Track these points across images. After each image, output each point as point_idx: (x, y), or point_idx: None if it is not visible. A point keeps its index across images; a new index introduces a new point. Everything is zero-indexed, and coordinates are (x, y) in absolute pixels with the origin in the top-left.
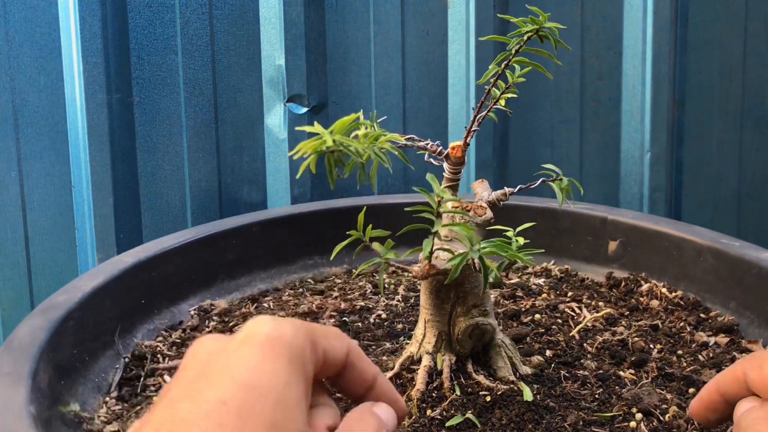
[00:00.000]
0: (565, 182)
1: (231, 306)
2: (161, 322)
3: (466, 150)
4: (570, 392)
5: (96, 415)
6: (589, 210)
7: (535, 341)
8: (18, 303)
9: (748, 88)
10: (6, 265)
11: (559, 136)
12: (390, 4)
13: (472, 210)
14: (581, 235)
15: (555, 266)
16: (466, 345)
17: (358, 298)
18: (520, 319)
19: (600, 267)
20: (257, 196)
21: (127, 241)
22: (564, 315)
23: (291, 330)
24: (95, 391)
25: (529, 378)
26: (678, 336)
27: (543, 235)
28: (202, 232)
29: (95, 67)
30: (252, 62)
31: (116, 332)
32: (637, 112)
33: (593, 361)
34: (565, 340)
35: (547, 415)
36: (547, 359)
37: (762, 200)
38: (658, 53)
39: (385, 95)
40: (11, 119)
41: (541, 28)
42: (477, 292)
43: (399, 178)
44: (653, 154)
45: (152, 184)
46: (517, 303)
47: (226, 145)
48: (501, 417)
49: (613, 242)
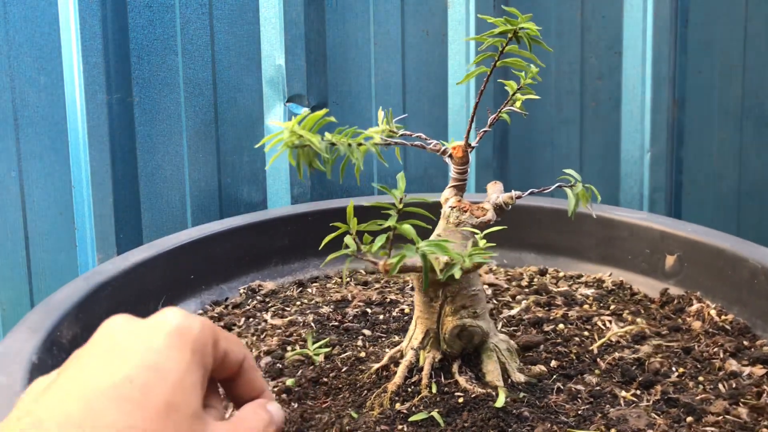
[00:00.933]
0: (579, 188)
1: (278, 288)
2: (208, 297)
3: (469, 150)
4: (554, 405)
5: None
6: (647, 221)
7: (546, 351)
8: (18, 303)
9: (748, 88)
10: (6, 266)
11: (559, 136)
12: (390, 4)
13: (469, 211)
14: (639, 247)
15: (610, 278)
16: (454, 345)
17: (394, 292)
18: (541, 327)
19: (656, 282)
20: (257, 196)
21: (127, 241)
22: (594, 328)
23: (198, 325)
24: None
25: (520, 386)
26: (707, 362)
27: (601, 244)
28: (257, 217)
29: (95, 67)
30: (252, 62)
31: (160, 301)
32: (637, 112)
33: (597, 377)
34: (578, 352)
35: (515, 423)
36: (550, 370)
37: (762, 200)
38: (658, 53)
39: (385, 95)
40: (11, 119)
41: (519, 29)
42: (466, 293)
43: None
44: (653, 154)
45: (152, 184)
46: (549, 311)
47: (226, 145)
48: (467, 419)
49: (671, 257)
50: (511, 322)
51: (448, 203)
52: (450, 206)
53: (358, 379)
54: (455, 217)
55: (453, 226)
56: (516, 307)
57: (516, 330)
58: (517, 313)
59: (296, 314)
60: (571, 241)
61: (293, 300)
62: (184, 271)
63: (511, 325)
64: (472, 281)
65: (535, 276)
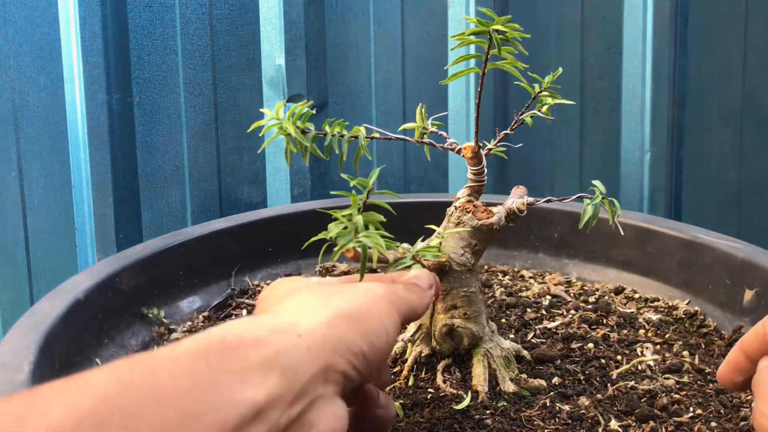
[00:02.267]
0: (598, 200)
1: (349, 270)
2: (283, 270)
3: (485, 152)
4: (527, 419)
5: (180, 325)
6: (730, 247)
7: (557, 367)
8: (18, 303)
9: (748, 88)
10: (6, 266)
11: (559, 136)
12: (390, 4)
13: (472, 212)
14: (720, 276)
15: (687, 306)
16: (444, 344)
17: None
18: (569, 343)
19: (733, 317)
20: (257, 196)
21: (127, 241)
22: (631, 353)
23: (391, 293)
24: (193, 310)
25: (507, 396)
26: (734, 409)
27: (683, 268)
28: (343, 201)
29: (95, 67)
30: (252, 62)
31: (235, 268)
32: (637, 112)
33: (592, 401)
34: (591, 374)
35: (470, 428)
36: (549, 386)
37: (762, 200)
38: (658, 53)
39: (385, 95)
40: (11, 119)
41: (491, 31)
42: (457, 293)
43: (399, 178)
44: (653, 154)
45: (152, 184)
46: (588, 329)
47: (226, 145)
48: (425, 416)
49: (750, 291)
50: (544, 334)
51: (456, 203)
52: (455, 206)
53: None
54: (456, 217)
55: (452, 225)
56: (559, 320)
57: (543, 342)
58: (556, 327)
59: None
60: (654, 262)
61: None
62: (264, 244)
63: (543, 336)
64: (466, 282)
65: (608, 294)
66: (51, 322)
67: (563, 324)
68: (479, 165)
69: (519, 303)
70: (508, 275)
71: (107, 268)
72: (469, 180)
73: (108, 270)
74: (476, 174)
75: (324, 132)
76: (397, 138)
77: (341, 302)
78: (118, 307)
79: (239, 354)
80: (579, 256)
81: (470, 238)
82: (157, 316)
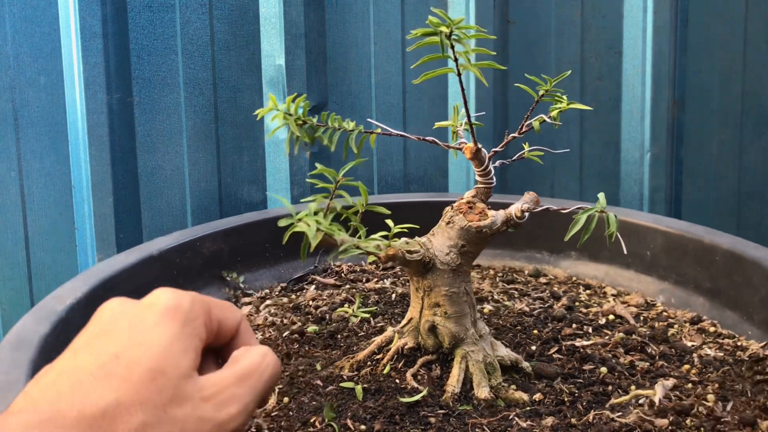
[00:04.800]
0: (592, 210)
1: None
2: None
3: (477, 152)
4: (475, 425)
5: (258, 292)
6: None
7: (549, 385)
8: (18, 303)
9: (748, 88)
10: (6, 266)
11: (559, 136)
12: (390, 4)
13: (464, 213)
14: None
15: (762, 349)
16: (428, 340)
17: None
18: (583, 363)
19: None
20: (257, 196)
21: (127, 241)
22: (646, 385)
23: (188, 300)
24: (275, 279)
25: (477, 402)
26: None
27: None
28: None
29: (95, 67)
30: (252, 62)
31: (321, 249)
32: (637, 112)
33: (560, 426)
34: (578, 396)
35: (409, 422)
36: (530, 402)
37: (762, 200)
38: (658, 53)
39: (385, 95)
40: (11, 119)
41: (439, 31)
42: (439, 292)
43: (399, 178)
44: (653, 154)
45: (152, 184)
46: (622, 353)
47: (226, 145)
48: (377, 402)
49: None
50: (567, 351)
51: (456, 203)
52: (452, 205)
53: (359, 343)
54: (449, 217)
55: (444, 224)
56: (593, 340)
57: (560, 358)
58: (585, 346)
59: (382, 280)
60: (740, 294)
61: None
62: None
63: (564, 353)
64: (448, 281)
65: (681, 323)
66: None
67: (595, 344)
68: (481, 166)
69: (569, 318)
70: (590, 290)
71: (191, 233)
72: (476, 182)
73: (191, 235)
74: (482, 176)
75: (324, 124)
76: (398, 135)
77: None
78: (197, 268)
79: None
80: (669, 278)
81: (458, 239)
82: (235, 280)
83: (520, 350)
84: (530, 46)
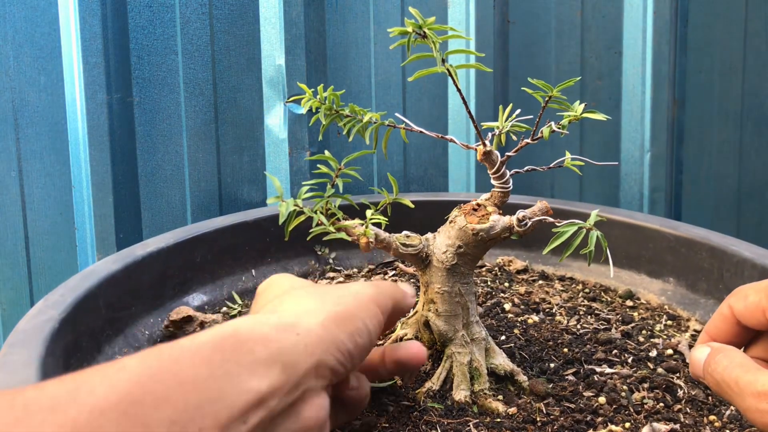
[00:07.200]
0: (575, 228)
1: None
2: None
3: (488, 153)
4: (426, 423)
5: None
6: None
7: (534, 402)
8: (18, 303)
9: (748, 88)
10: (6, 265)
11: (559, 136)
12: (390, 4)
13: (464, 215)
14: None
15: None
16: (424, 334)
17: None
18: (585, 389)
19: None
20: (257, 195)
21: (127, 241)
22: (636, 417)
23: (375, 291)
24: (366, 260)
25: (450, 403)
26: None
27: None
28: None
29: (95, 67)
30: (252, 62)
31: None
32: (637, 112)
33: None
34: (557, 417)
35: (369, 405)
36: (503, 414)
37: (762, 200)
38: (658, 53)
39: (385, 95)
40: (11, 119)
41: (414, 31)
42: (433, 288)
43: (399, 178)
44: (653, 154)
45: (152, 184)
46: (631, 388)
47: (226, 145)
48: None
49: None
50: (585, 374)
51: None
52: (459, 205)
53: None
54: (453, 216)
55: (448, 223)
56: (617, 369)
57: (570, 380)
58: (604, 372)
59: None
60: None
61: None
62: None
63: (581, 377)
64: (441, 279)
65: None
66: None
67: (618, 374)
68: (493, 168)
69: (616, 343)
70: (674, 320)
71: (176, 235)
72: (493, 186)
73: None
74: (496, 179)
75: (352, 114)
76: (419, 131)
77: (333, 305)
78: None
79: (248, 348)
80: None
81: (456, 239)
82: (326, 256)
83: (537, 365)
84: (530, 46)
